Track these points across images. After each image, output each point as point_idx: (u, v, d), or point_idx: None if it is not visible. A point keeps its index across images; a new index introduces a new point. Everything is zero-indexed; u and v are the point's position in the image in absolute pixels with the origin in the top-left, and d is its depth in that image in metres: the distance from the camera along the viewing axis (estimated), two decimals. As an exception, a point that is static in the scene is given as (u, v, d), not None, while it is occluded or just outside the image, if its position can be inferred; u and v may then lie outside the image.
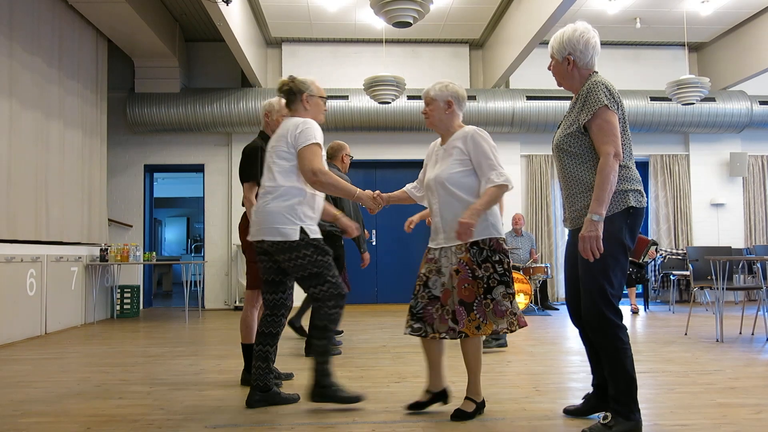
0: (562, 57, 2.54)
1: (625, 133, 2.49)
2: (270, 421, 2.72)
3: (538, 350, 4.73)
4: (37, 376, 3.86)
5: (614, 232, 2.41)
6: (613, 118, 2.40)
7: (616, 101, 2.43)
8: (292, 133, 2.95)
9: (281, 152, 2.93)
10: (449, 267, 2.71)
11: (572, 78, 2.55)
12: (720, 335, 5.04)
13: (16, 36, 5.67)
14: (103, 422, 2.72)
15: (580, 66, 2.52)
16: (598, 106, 2.38)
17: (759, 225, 9.40)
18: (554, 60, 2.59)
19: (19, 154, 5.71)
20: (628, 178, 2.46)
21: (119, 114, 8.48)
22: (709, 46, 9.30)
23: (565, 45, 2.52)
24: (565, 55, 2.52)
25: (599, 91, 2.40)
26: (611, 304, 2.42)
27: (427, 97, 2.91)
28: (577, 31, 2.50)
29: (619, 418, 2.41)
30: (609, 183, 2.35)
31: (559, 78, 2.62)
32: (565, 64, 2.54)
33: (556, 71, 2.61)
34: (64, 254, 6.39)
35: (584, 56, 2.51)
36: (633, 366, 2.44)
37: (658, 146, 9.37)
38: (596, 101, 2.40)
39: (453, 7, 7.91)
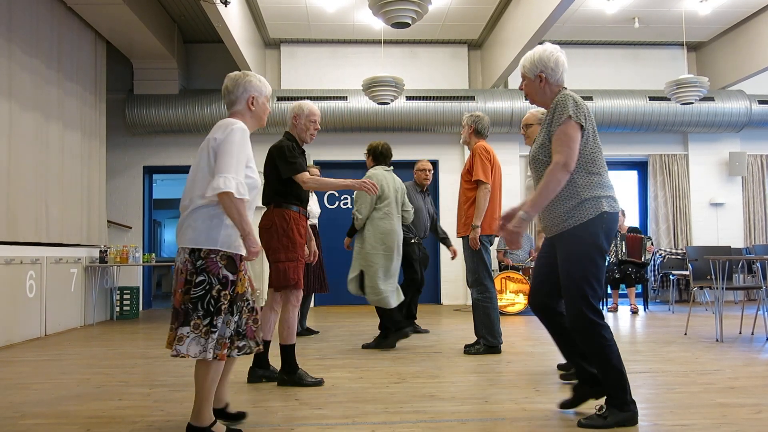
0: (534, 75, 2.74)
1: (595, 143, 2.64)
2: (270, 421, 2.72)
3: (538, 350, 4.73)
4: (36, 377, 3.85)
5: (591, 237, 2.57)
6: (571, 130, 2.56)
7: (584, 113, 2.60)
8: None
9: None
10: None
11: (544, 94, 2.75)
12: (720, 335, 5.05)
13: (15, 38, 5.67)
14: (103, 424, 2.72)
15: (551, 82, 2.73)
16: (564, 117, 2.57)
17: (758, 224, 9.41)
18: (527, 79, 2.79)
19: (19, 155, 5.70)
20: (601, 185, 2.61)
21: (118, 115, 8.48)
22: (707, 45, 9.31)
23: (536, 64, 2.73)
24: (537, 73, 2.73)
25: (567, 103, 2.60)
26: (593, 307, 2.56)
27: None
28: (547, 51, 2.74)
29: (613, 409, 2.57)
30: (550, 189, 2.52)
31: (532, 95, 2.80)
32: (538, 82, 2.74)
33: (528, 89, 2.80)
34: (63, 256, 6.39)
35: (555, 73, 2.73)
36: (620, 360, 2.58)
37: (657, 146, 9.38)
38: (563, 112, 2.59)
39: (451, 8, 7.91)
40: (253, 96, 2.61)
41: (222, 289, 2.39)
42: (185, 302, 2.38)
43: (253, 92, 2.61)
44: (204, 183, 2.41)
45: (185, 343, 2.36)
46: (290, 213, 3.46)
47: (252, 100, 2.61)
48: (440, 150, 9.10)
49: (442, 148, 9.11)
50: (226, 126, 2.47)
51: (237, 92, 2.60)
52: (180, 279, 2.41)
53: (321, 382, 3.47)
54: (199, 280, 2.37)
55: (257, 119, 2.66)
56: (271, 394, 3.27)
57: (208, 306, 2.36)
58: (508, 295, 7.48)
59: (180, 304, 2.40)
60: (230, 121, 2.51)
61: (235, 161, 2.38)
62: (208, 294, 2.37)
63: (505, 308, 7.42)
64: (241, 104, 2.61)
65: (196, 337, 2.36)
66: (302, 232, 3.51)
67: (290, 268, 3.40)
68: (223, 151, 2.39)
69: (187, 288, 2.39)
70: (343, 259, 5.67)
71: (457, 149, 9.12)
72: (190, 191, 2.46)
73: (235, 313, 2.46)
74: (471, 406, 2.97)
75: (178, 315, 2.40)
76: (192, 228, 2.41)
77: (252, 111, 2.63)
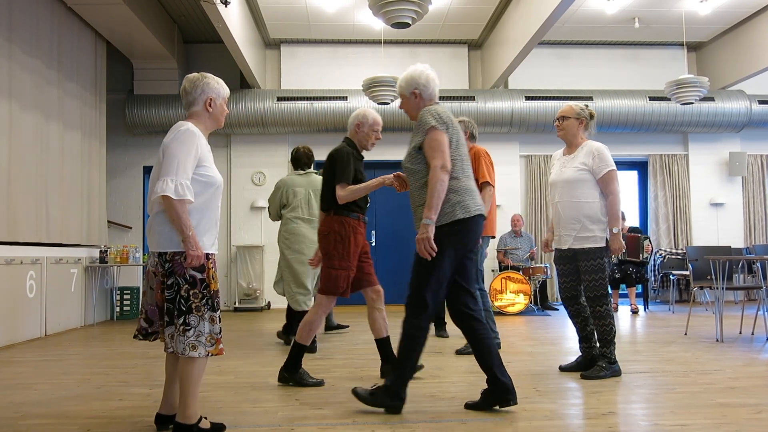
0: (409, 93, 3.00)
1: (457, 151, 2.89)
2: (270, 421, 2.72)
3: (538, 350, 4.73)
4: (37, 378, 3.85)
5: (440, 240, 2.78)
6: (439, 136, 2.82)
7: (446, 123, 2.86)
8: None
9: None
10: None
11: (419, 109, 2.98)
12: (720, 335, 5.05)
13: (16, 38, 5.67)
14: (104, 424, 2.72)
15: (425, 98, 2.98)
16: (427, 128, 2.83)
17: (758, 224, 9.40)
18: (403, 97, 3.04)
19: (19, 156, 5.71)
20: (457, 190, 2.85)
21: (118, 116, 8.48)
22: (707, 45, 9.31)
23: (410, 82, 2.99)
24: (411, 91, 2.99)
25: (429, 116, 2.86)
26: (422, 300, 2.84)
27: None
28: (417, 70, 3.00)
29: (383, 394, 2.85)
30: (437, 191, 2.75)
31: (409, 111, 3.05)
32: (413, 98, 2.99)
33: (406, 106, 3.05)
34: (63, 256, 6.39)
35: (426, 89, 2.98)
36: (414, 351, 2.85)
37: (657, 146, 9.38)
38: (426, 124, 2.85)
39: (451, 8, 7.91)
40: (211, 98, 2.62)
41: (190, 288, 2.44)
42: (163, 302, 2.47)
43: (210, 94, 2.62)
44: None
45: (175, 341, 2.43)
46: (349, 221, 3.49)
47: (210, 102, 2.62)
48: (440, 150, 9.09)
49: (442, 148, 9.10)
50: (173, 129, 2.53)
51: (195, 93, 2.61)
52: (157, 281, 2.49)
53: (321, 383, 3.48)
54: (170, 282, 2.44)
55: (215, 120, 2.68)
56: (271, 394, 3.27)
57: (180, 306, 2.43)
58: (508, 295, 7.48)
59: (161, 303, 2.49)
60: (179, 123, 2.56)
61: (176, 163, 2.40)
62: (177, 294, 2.43)
63: (505, 308, 7.42)
64: (199, 105, 2.62)
65: (177, 335, 2.42)
66: (359, 241, 3.55)
67: (341, 276, 3.44)
68: (166, 155, 2.44)
69: (162, 289, 2.47)
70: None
71: (457, 149, 9.11)
72: (151, 194, 2.49)
73: (216, 308, 2.49)
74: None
75: (162, 314, 2.49)
76: (157, 232, 2.47)
77: (210, 112, 2.64)
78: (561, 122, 3.82)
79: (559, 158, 3.88)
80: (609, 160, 3.63)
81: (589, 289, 3.64)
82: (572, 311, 3.81)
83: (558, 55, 9.28)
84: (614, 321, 3.65)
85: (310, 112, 8.45)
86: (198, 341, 2.41)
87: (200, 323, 2.43)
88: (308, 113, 8.46)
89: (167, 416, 2.59)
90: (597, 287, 3.62)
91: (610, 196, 3.62)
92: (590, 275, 3.64)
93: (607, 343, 3.62)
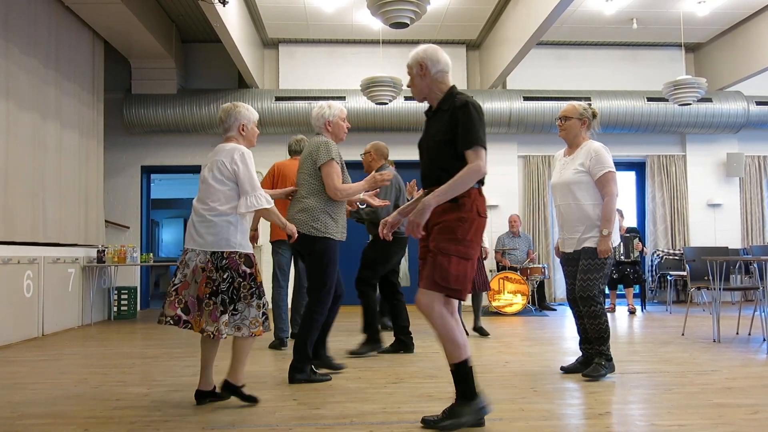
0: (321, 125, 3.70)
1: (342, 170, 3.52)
2: (268, 421, 2.72)
3: (536, 350, 4.73)
4: (34, 377, 3.85)
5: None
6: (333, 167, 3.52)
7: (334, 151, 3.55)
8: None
9: None
10: None
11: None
12: (717, 335, 5.05)
13: (13, 37, 5.65)
14: (101, 424, 2.72)
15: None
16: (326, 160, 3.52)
17: (756, 225, 9.43)
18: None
19: (16, 155, 5.69)
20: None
21: (116, 115, 8.47)
22: (705, 46, 9.33)
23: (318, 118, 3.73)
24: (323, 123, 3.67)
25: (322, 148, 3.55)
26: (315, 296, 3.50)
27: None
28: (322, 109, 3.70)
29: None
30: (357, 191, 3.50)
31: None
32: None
33: None
34: (61, 256, 6.38)
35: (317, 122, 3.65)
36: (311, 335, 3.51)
37: (655, 147, 9.39)
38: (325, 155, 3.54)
39: (450, 8, 7.92)
40: (243, 124, 3.09)
41: (242, 281, 2.93)
42: (212, 296, 2.87)
43: (242, 120, 3.08)
44: (216, 195, 2.94)
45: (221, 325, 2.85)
46: None
47: (242, 127, 3.09)
48: (438, 150, 9.09)
49: (440, 149, 9.10)
50: (234, 150, 2.98)
51: (229, 121, 3.08)
52: (204, 276, 2.90)
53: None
54: (225, 276, 2.89)
55: (248, 141, 3.12)
56: (269, 394, 3.27)
57: (231, 295, 2.89)
58: (505, 295, 7.48)
59: (203, 295, 2.88)
60: (234, 146, 3.02)
61: (253, 179, 2.96)
62: (231, 286, 2.90)
63: (502, 308, 7.43)
64: (234, 131, 3.08)
65: (227, 319, 2.87)
66: None
67: None
68: (244, 174, 2.94)
69: (208, 282, 2.88)
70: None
71: (455, 149, 9.11)
72: (203, 200, 2.96)
73: (261, 296, 2.97)
74: (469, 407, 2.97)
75: (201, 304, 2.89)
76: (212, 234, 2.92)
77: (243, 135, 3.10)
78: (563, 122, 3.74)
79: (560, 159, 3.83)
80: (606, 161, 3.57)
81: (582, 289, 3.60)
82: (578, 312, 3.78)
83: (556, 55, 9.29)
84: (607, 319, 3.62)
85: (309, 112, 8.40)
86: (243, 324, 2.91)
87: (246, 309, 2.91)
88: (306, 113, 8.45)
89: (206, 392, 3.03)
90: (589, 287, 3.57)
91: (606, 198, 3.56)
92: (585, 274, 3.60)
93: (603, 341, 3.61)
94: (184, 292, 2.92)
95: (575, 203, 3.61)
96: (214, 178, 2.95)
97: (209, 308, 2.86)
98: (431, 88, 2.76)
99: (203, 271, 2.90)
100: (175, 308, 2.90)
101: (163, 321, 2.90)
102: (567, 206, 3.66)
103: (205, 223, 2.92)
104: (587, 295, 3.58)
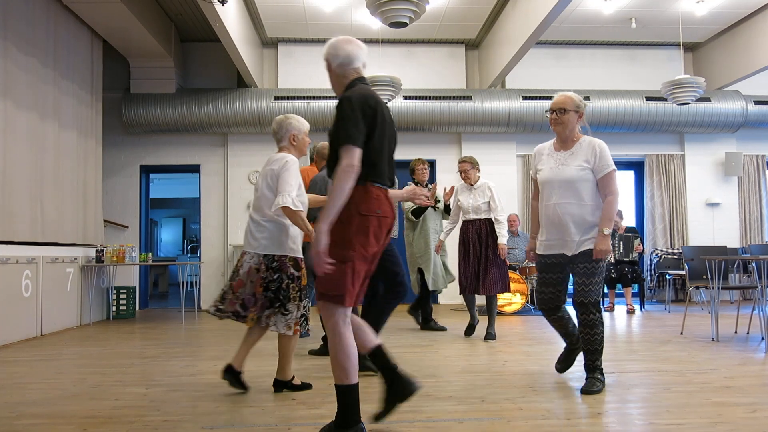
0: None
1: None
2: (266, 421, 2.72)
3: (535, 350, 4.73)
4: (32, 377, 3.84)
5: None
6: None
7: None
8: None
9: None
10: None
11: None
12: (715, 334, 5.06)
13: (11, 36, 5.64)
14: (99, 424, 2.72)
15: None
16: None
17: (754, 224, 9.43)
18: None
19: (14, 155, 5.68)
20: None
21: (115, 114, 8.46)
22: (704, 46, 9.33)
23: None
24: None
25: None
26: None
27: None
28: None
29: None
30: None
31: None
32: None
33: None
34: (59, 255, 6.37)
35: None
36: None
37: (653, 146, 9.40)
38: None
39: (449, 8, 7.92)
40: (293, 134, 3.38)
41: (291, 283, 3.20)
42: (265, 293, 3.19)
43: (293, 131, 3.38)
44: (268, 203, 3.20)
45: (273, 322, 3.19)
46: None
47: (293, 137, 3.38)
48: (437, 149, 9.11)
49: (439, 148, 9.12)
50: (281, 159, 3.25)
51: (281, 132, 3.38)
52: (258, 277, 3.20)
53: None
54: (275, 277, 3.18)
55: (299, 150, 3.39)
56: (268, 394, 3.27)
57: (281, 296, 3.18)
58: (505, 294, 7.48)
59: (259, 293, 3.20)
60: (283, 155, 3.29)
61: (287, 184, 3.13)
62: (280, 286, 3.18)
63: (502, 308, 7.43)
64: (285, 141, 3.37)
65: (278, 317, 3.18)
66: None
67: None
68: (282, 178, 3.16)
69: (262, 283, 3.19)
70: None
71: (454, 149, 9.13)
72: (258, 207, 3.26)
73: (303, 299, 3.24)
74: (468, 406, 2.98)
75: (257, 302, 3.20)
76: (265, 238, 3.22)
77: (294, 145, 3.38)
78: (560, 115, 3.43)
79: (550, 153, 3.48)
80: (610, 159, 3.34)
81: (583, 294, 3.28)
82: (555, 321, 3.53)
83: (555, 55, 9.30)
84: (603, 330, 3.33)
85: (308, 111, 8.45)
86: (290, 323, 3.19)
87: (296, 310, 3.20)
88: (305, 112, 8.44)
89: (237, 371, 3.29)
90: (591, 292, 3.27)
91: (609, 197, 3.29)
92: (586, 278, 3.28)
93: (598, 353, 3.33)
94: (239, 290, 3.22)
95: (578, 203, 3.31)
96: (267, 186, 3.23)
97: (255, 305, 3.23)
98: (337, 83, 2.64)
99: (257, 272, 3.20)
100: (234, 305, 3.22)
101: (220, 315, 3.24)
102: (568, 206, 3.33)
103: (260, 228, 3.22)
104: (588, 301, 3.27)
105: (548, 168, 3.44)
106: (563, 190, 3.35)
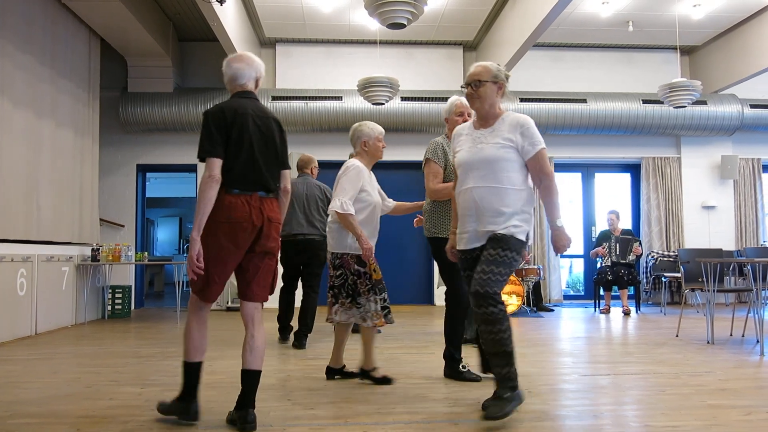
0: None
1: None
2: (262, 421, 2.71)
3: (531, 351, 4.74)
4: (27, 376, 3.83)
5: None
6: None
7: None
8: None
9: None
10: None
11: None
12: (711, 337, 5.08)
13: (8, 35, 5.63)
14: (94, 423, 2.71)
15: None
16: None
17: (749, 227, 9.47)
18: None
19: (11, 153, 5.67)
20: None
21: (112, 113, 8.44)
22: (700, 49, 9.36)
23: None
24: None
25: None
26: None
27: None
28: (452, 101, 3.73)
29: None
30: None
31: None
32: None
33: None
34: (55, 254, 6.35)
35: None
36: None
37: (649, 148, 9.43)
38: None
39: (447, 9, 7.93)
40: (365, 140, 3.59)
41: (356, 278, 3.46)
42: (330, 289, 3.52)
43: (364, 138, 3.59)
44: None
45: (338, 313, 3.49)
46: None
47: (364, 143, 3.60)
48: (434, 151, 9.10)
49: (436, 149, 9.11)
50: (346, 165, 3.54)
51: (354, 140, 3.63)
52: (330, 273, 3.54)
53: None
54: (338, 273, 3.49)
55: (372, 155, 3.62)
56: (263, 394, 3.26)
57: (348, 290, 3.47)
58: (501, 296, 7.48)
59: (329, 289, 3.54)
60: (352, 161, 3.56)
61: (342, 189, 3.43)
62: (345, 282, 3.47)
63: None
64: (358, 147, 3.62)
65: (343, 309, 3.49)
66: None
67: None
68: (340, 183, 3.47)
69: (329, 280, 3.52)
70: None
71: (451, 150, 9.13)
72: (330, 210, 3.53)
73: (380, 293, 3.46)
74: (463, 408, 2.98)
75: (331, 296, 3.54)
76: (333, 238, 3.51)
77: (366, 151, 3.61)
78: (476, 89, 2.89)
79: (469, 133, 2.98)
80: (539, 136, 2.83)
81: (480, 283, 2.69)
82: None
83: (552, 57, 9.32)
84: (510, 327, 2.71)
85: (305, 112, 8.44)
86: (366, 315, 3.45)
87: (367, 303, 3.45)
88: (303, 113, 8.44)
89: (335, 369, 3.66)
90: (492, 282, 2.69)
91: (545, 180, 2.82)
92: (487, 266, 2.72)
93: (505, 358, 2.69)
94: None
95: (498, 186, 2.80)
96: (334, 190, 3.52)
97: (328, 299, 3.54)
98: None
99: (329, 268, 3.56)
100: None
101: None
102: (486, 190, 2.81)
103: (329, 228, 3.55)
104: (486, 291, 2.67)
105: (466, 149, 2.94)
106: (481, 172, 2.84)
